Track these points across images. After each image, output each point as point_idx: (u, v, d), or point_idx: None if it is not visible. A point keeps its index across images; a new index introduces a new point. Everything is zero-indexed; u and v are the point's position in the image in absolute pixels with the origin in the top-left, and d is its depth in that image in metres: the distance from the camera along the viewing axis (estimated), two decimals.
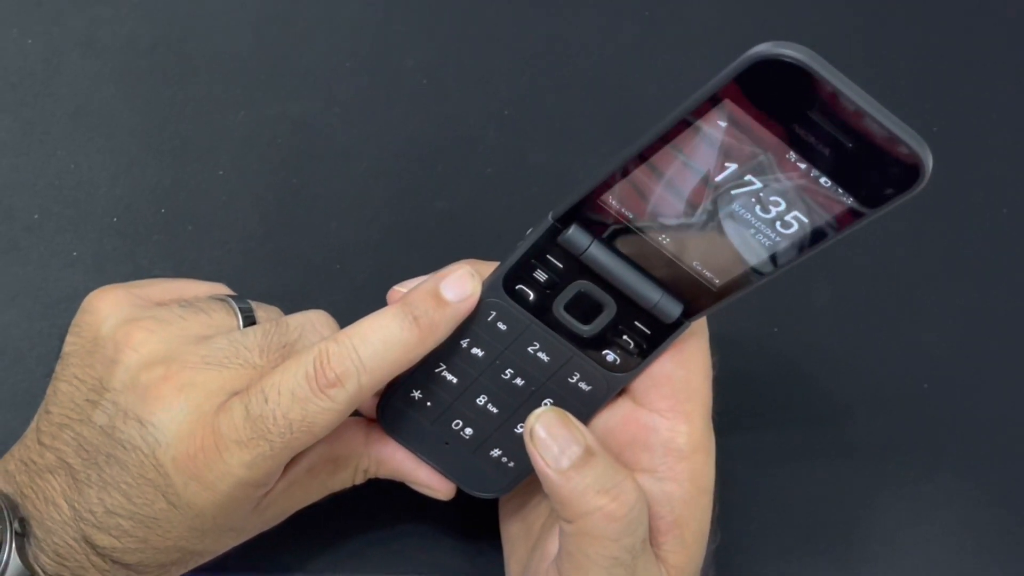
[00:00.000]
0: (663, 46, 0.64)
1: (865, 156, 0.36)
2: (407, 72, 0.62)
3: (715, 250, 0.41)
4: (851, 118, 0.35)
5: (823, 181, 0.37)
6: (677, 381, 0.45)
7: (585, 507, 0.42)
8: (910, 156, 0.35)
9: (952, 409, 0.61)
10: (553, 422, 0.44)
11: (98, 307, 0.46)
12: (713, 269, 0.42)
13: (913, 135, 0.35)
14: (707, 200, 0.39)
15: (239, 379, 0.44)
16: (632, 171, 0.40)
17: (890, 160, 0.36)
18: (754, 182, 0.38)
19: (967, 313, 0.62)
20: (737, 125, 0.37)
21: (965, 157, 0.64)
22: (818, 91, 0.35)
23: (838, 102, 0.35)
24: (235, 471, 0.43)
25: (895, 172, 0.36)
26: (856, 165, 0.36)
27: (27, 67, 0.59)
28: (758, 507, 0.58)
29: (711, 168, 0.38)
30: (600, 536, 0.43)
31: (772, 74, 0.35)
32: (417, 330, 0.44)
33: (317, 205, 0.59)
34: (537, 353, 0.46)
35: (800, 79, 0.35)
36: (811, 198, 0.38)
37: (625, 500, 0.43)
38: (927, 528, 0.59)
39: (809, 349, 0.61)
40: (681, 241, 0.41)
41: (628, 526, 0.43)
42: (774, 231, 0.39)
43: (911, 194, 0.36)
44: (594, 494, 0.42)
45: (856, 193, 0.37)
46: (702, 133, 0.37)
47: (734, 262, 0.41)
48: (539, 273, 0.44)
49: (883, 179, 0.36)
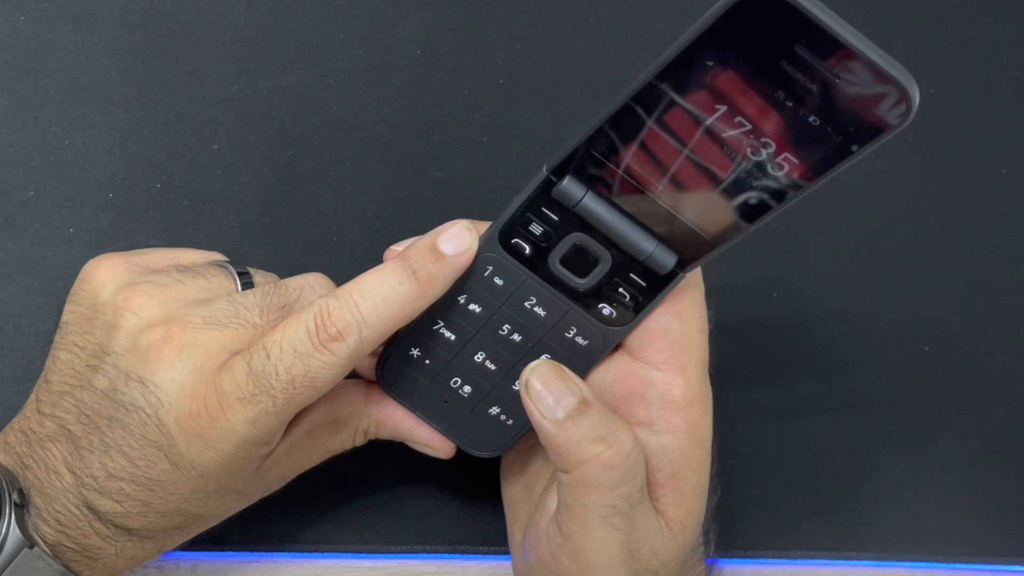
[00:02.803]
0: (659, 13, 0.63)
1: (853, 91, 0.36)
2: (401, 42, 0.61)
3: (707, 196, 0.41)
4: (837, 52, 0.35)
5: (812, 119, 0.37)
6: (672, 334, 0.45)
7: (581, 456, 0.43)
8: (897, 89, 0.35)
9: (954, 370, 0.61)
10: (548, 374, 0.44)
11: (96, 275, 0.46)
12: (706, 216, 0.42)
13: (899, 68, 0.35)
14: (698, 144, 0.39)
15: (240, 338, 0.44)
16: (623, 118, 0.40)
17: (877, 94, 0.36)
18: (744, 123, 0.38)
19: (968, 274, 0.62)
20: (726, 65, 0.37)
21: (965, 117, 0.64)
22: (804, 26, 0.35)
23: (825, 36, 0.35)
24: (238, 428, 0.43)
25: (883, 106, 0.36)
26: (844, 101, 0.36)
27: (20, 43, 0.59)
28: (760, 468, 0.58)
29: (701, 111, 0.38)
30: (597, 484, 0.43)
31: (758, 11, 0.35)
32: (416, 284, 0.44)
33: (313, 177, 0.59)
34: (534, 308, 0.46)
35: (786, 14, 0.35)
36: (801, 137, 0.38)
37: (621, 448, 0.43)
38: (929, 489, 0.59)
39: (809, 312, 0.61)
40: (673, 189, 0.41)
41: (625, 474, 0.43)
42: (765, 174, 0.39)
43: (899, 128, 0.36)
44: (590, 443, 0.43)
45: (845, 130, 0.37)
46: (691, 75, 0.37)
47: (726, 208, 0.41)
48: (534, 226, 0.44)
49: (871, 114, 0.36)
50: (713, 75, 0.37)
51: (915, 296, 0.61)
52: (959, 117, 0.63)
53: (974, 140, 0.63)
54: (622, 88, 0.39)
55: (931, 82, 0.63)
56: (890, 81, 0.35)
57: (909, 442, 0.60)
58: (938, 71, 0.64)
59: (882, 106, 0.36)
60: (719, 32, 0.36)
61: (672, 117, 0.39)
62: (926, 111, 0.63)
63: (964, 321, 0.61)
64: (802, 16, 0.35)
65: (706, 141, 0.39)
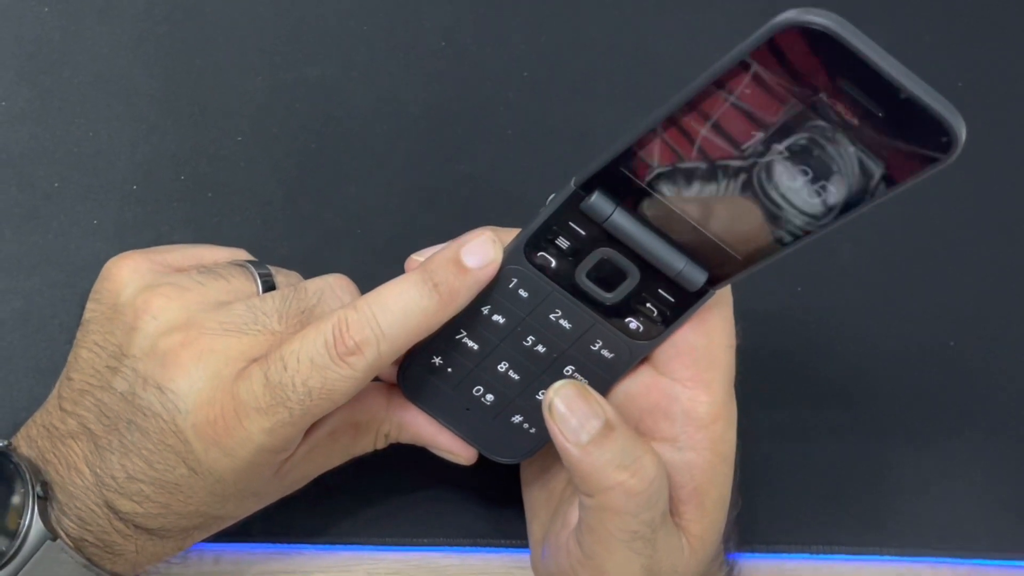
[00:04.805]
0: (684, 4, 0.63)
1: (896, 125, 0.35)
2: (425, 34, 0.61)
3: (740, 218, 0.40)
4: (881, 87, 0.34)
5: (852, 150, 0.36)
6: (699, 350, 0.45)
7: (605, 482, 0.42)
8: (942, 126, 0.34)
9: (979, 366, 0.60)
10: (572, 396, 0.43)
11: (117, 274, 0.46)
12: (738, 237, 0.41)
13: (946, 105, 0.34)
14: (733, 167, 0.38)
15: (258, 345, 0.44)
16: (656, 138, 0.39)
17: (922, 130, 0.34)
18: (781, 150, 0.37)
19: (994, 269, 0.61)
20: (764, 92, 0.36)
21: (992, 111, 0.63)
22: (847, 59, 0.34)
23: (868, 70, 0.34)
24: (255, 437, 0.43)
25: (927, 142, 0.35)
26: (886, 134, 0.35)
27: (44, 35, 0.59)
28: (783, 462, 0.58)
29: (737, 136, 0.37)
30: (620, 511, 0.42)
31: (800, 41, 0.34)
32: (437, 297, 0.43)
33: (336, 170, 0.59)
34: (559, 320, 0.45)
35: (828, 47, 0.33)
36: (840, 168, 0.37)
37: (645, 475, 0.42)
38: (952, 484, 0.59)
39: (833, 307, 0.60)
40: (706, 209, 0.40)
41: (648, 501, 0.42)
42: (801, 199, 0.38)
43: (943, 165, 0.35)
44: (614, 469, 0.42)
45: (886, 163, 0.36)
46: (728, 100, 0.36)
47: (760, 230, 0.40)
48: (561, 240, 0.43)
49: (914, 149, 0.35)
50: (751, 100, 0.36)
51: (940, 291, 0.61)
52: (986, 111, 0.63)
53: (1001, 134, 0.63)
54: (657, 106, 0.38)
55: (958, 75, 0.63)
56: (936, 118, 0.34)
57: (932, 437, 0.59)
58: (965, 65, 0.63)
59: (927, 142, 0.35)
60: (759, 59, 0.35)
61: (706, 139, 0.38)
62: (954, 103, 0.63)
63: (989, 316, 0.61)
64: (845, 49, 0.33)
65: (741, 163, 0.38)
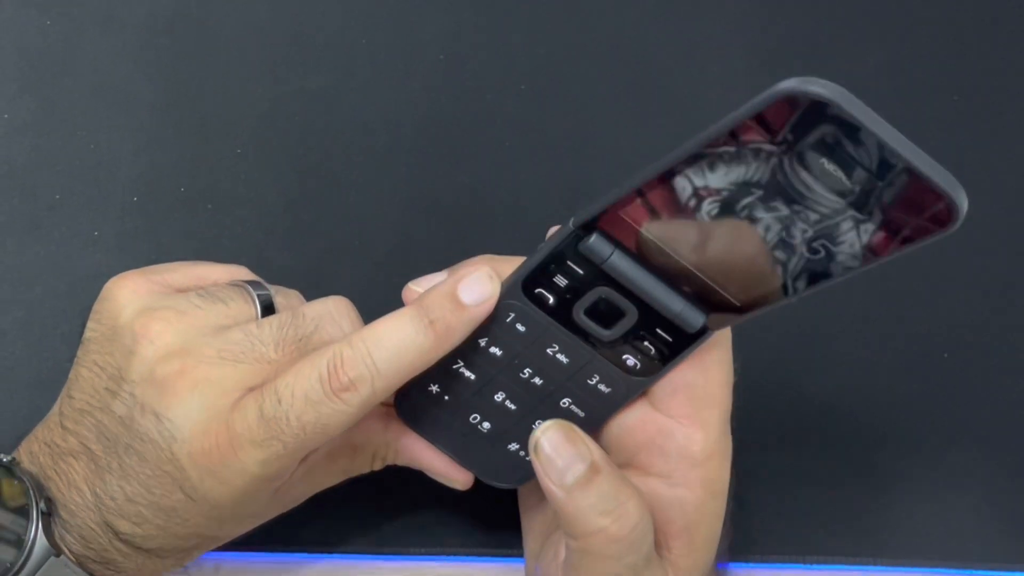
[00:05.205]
0: (683, 18, 0.63)
1: (895, 194, 0.35)
2: (424, 46, 0.61)
3: (739, 268, 0.40)
4: (881, 157, 0.34)
5: (852, 215, 0.36)
6: (697, 389, 0.45)
7: (588, 527, 0.42)
8: (943, 198, 0.34)
9: (974, 378, 0.60)
10: (558, 438, 0.43)
11: (117, 295, 0.46)
12: (737, 286, 0.41)
13: (947, 177, 0.34)
14: (732, 220, 0.38)
15: (254, 374, 0.44)
16: (656, 186, 0.39)
17: (922, 200, 0.35)
18: (780, 208, 0.37)
19: (989, 281, 0.61)
20: (764, 153, 0.36)
21: (989, 124, 0.63)
22: (847, 128, 0.34)
23: (868, 140, 0.34)
24: (250, 468, 0.43)
25: (927, 212, 0.35)
26: (886, 202, 0.35)
27: (47, 46, 0.59)
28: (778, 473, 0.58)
29: (737, 191, 0.37)
30: (602, 556, 0.43)
31: (799, 109, 0.34)
32: (433, 334, 0.43)
33: (336, 181, 0.59)
34: (556, 354, 0.45)
35: (828, 116, 0.34)
36: (838, 231, 0.37)
37: (627, 522, 0.42)
38: (948, 496, 0.59)
39: (829, 318, 0.60)
40: (704, 257, 0.40)
41: (631, 546, 0.43)
42: (799, 256, 0.38)
43: (944, 234, 0.35)
44: (597, 515, 0.42)
45: (885, 229, 0.36)
46: (727, 158, 0.37)
47: (758, 281, 0.40)
48: (559, 278, 0.43)
49: (914, 218, 0.35)
50: (751, 159, 0.36)
51: (934, 303, 0.61)
52: (983, 124, 0.63)
53: (998, 147, 0.63)
54: (659, 157, 0.38)
55: (954, 89, 0.63)
56: (936, 190, 0.34)
57: (926, 448, 0.60)
58: (961, 77, 0.63)
59: (928, 211, 0.35)
60: (760, 122, 0.35)
61: (706, 191, 0.38)
62: (950, 117, 0.63)
63: (984, 328, 0.61)
64: (844, 120, 0.34)
65: (738, 218, 0.38)
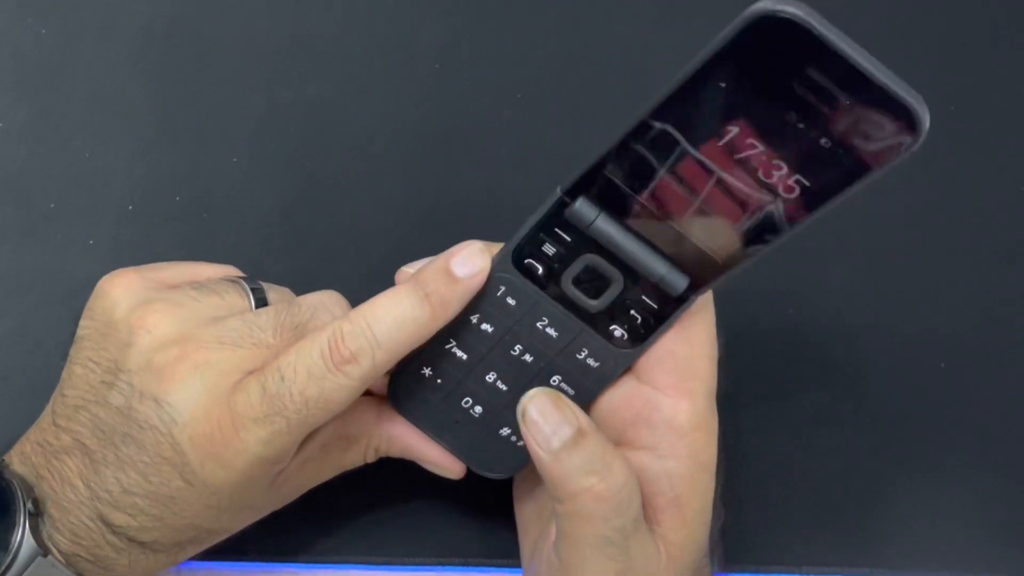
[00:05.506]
0: (677, 25, 0.63)
1: (863, 114, 0.36)
2: (421, 54, 0.62)
3: (718, 219, 0.41)
4: (848, 74, 0.35)
5: (824, 141, 0.37)
6: (680, 359, 0.45)
7: (574, 488, 0.43)
8: (908, 111, 0.35)
9: (970, 387, 0.60)
10: (545, 403, 0.44)
11: (110, 291, 0.47)
12: (717, 239, 0.41)
13: (909, 90, 0.35)
14: (711, 166, 0.39)
15: (253, 358, 0.45)
16: (635, 140, 0.40)
17: (888, 117, 0.36)
18: (756, 146, 0.38)
19: (985, 290, 0.62)
20: (737, 86, 0.37)
21: (984, 133, 0.63)
22: (815, 47, 0.35)
23: (836, 58, 0.35)
24: (252, 448, 0.43)
25: (894, 129, 0.36)
26: (855, 123, 0.36)
27: (43, 55, 0.59)
28: (773, 483, 0.58)
29: (713, 133, 0.38)
30: (589, 516, 0.43)
31: (770, 32, 0.35)
32: (429, 307, 0.44)
33: (331, 189, 0.60)
34: (546, 328, 0.46)
35: (798, 36, 0.35)
36: (812, 160, 0.38)
37: (613, 481, 0.43)
38: (944, 505, 0.59)
39: (825, 328, 0.60)
40: (685, 212, 0.41)
41: (617, 506, 0.43)
42: (777, 196, 0.39)
43: (910, 152, 0.36)
44: (583, 475, 0.43)
45: (856, 152, 0.37)
46: (703, 96, 0.37)
47: (738, 231, 0.41)
48: (547, 247, 0.44)
49: (882, 137, 0.36)
50: (725, 96, 0.37)
51: (931, 312, 0.61)
52: (978, 133, 0.63)
53: (993, 157, 0.63)
54: (634, 109, 0.39)
55: (950, 99, 0.63)
56: (900, 104, 0.35)
57: (923, 457, 0.59)
58: (957, 87, 0.64)
59: (893, 129, 0.36)
60: (731, 53, 0.36)
61: (683, 139, 0.39)
62: (945, 127, 0.63)
63: (980, 338, 0.61)
64: (813, 38, 0.35)
65: (718, 163, 0.39)
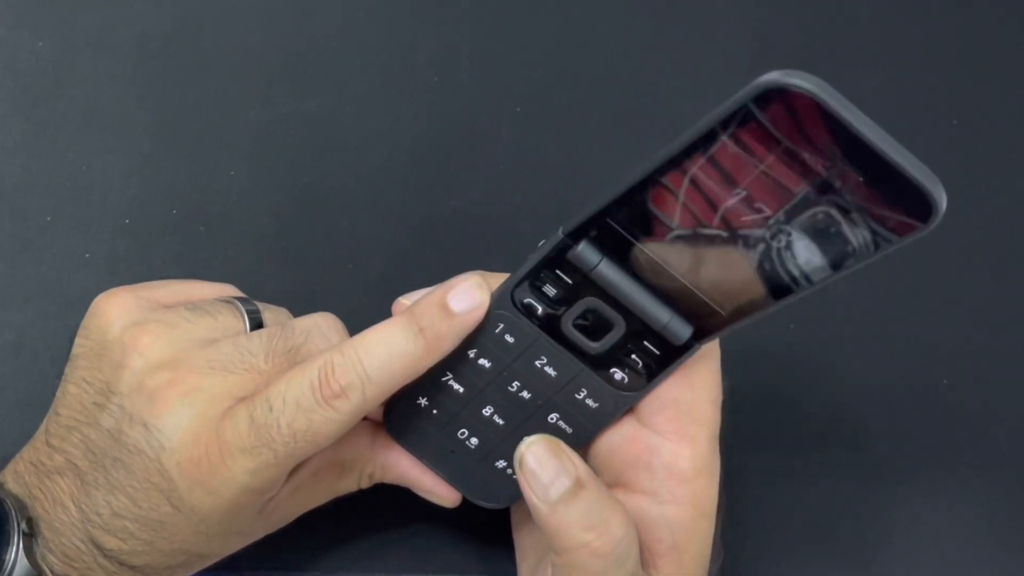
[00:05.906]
0: (677, 40, 0.63)
1: (876, 191, 0.35)
2: (419, 69, 0.61)
3: (725, 274, 0.40)
4: (861, 152, 0.34)
5: (833, 213, 0.36)
6: (683, 404, 0.44)
7: (571, 542, 0.42)
8: (923, 194, 0.34)
9: (973, 405, 0.60)
10: (543, 452, 0.43)
11: (105, 310, 0.46)
12: (724, 293, 0.41)
13: (927, 173, 0.34)
14: (716, 224, 0.38)
15: (244, 384, 0.44)
16: (642, 192, 0.39)
17: (902, 197, 0.35)
18: (763, 209, 0.37)
19: (987, 308, 0.61)
20: (745, 151, 0.36)
21: (985, 148, 0.63)
22: (827, 122, 0.34)
23: (848, 135, 0.34)
24: (239, 477, 0.43)
25: (907, 209, 0.35)
26: (867, 199, 0.35)
27: (39, 68, 0.59)
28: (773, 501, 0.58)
29: (721, 192, 0.37)
30: (586, 571, 0.42)
31: (781, 103, 0.34)
32: (423, 342, 0.43)
33: (329, 203, 0.59)
34: (544, 367, 0.45)
35: (809, 109, 0.34)
36: (820, 230, 0.37)
37: (611, 537, 0.42)
38: (946, 525, 0.58)
39: (825, 345, 0.60)
40: (692, 263, 0.40)
41: (615, 562, 0.42)
42: (783, 259, 0.38)
43: (923, 232, 0.35)
44: (580, 530, 0.41)
45: (867, 227, 0.36)
46: (711, 158, 0.37)
47: (744, 287, 0.40)
48: (548, 287, 0.43)
49: (895, 215, 0.35)
50: (734, 158, 0.36)
51: (933, 329, 0.61)
52: (980, 148, 0.63)
53: (995, 172, 0.63)
54: (643, 161, 0.38)
55: (953, 113, 0.63)
56: (916, 186, 0.34)
57: (924, 476, 0.59)
58: (959, 102, 0.64)
59: (907, 208, 0.35)
60: (741, 118, 0.35)
61: (691, 194, 0.38)
62: (947, 142, 0.63)
63: (982, 355, 0.61)
64: (825, 112, 0.34)
65: (725, 221, 0.38)
